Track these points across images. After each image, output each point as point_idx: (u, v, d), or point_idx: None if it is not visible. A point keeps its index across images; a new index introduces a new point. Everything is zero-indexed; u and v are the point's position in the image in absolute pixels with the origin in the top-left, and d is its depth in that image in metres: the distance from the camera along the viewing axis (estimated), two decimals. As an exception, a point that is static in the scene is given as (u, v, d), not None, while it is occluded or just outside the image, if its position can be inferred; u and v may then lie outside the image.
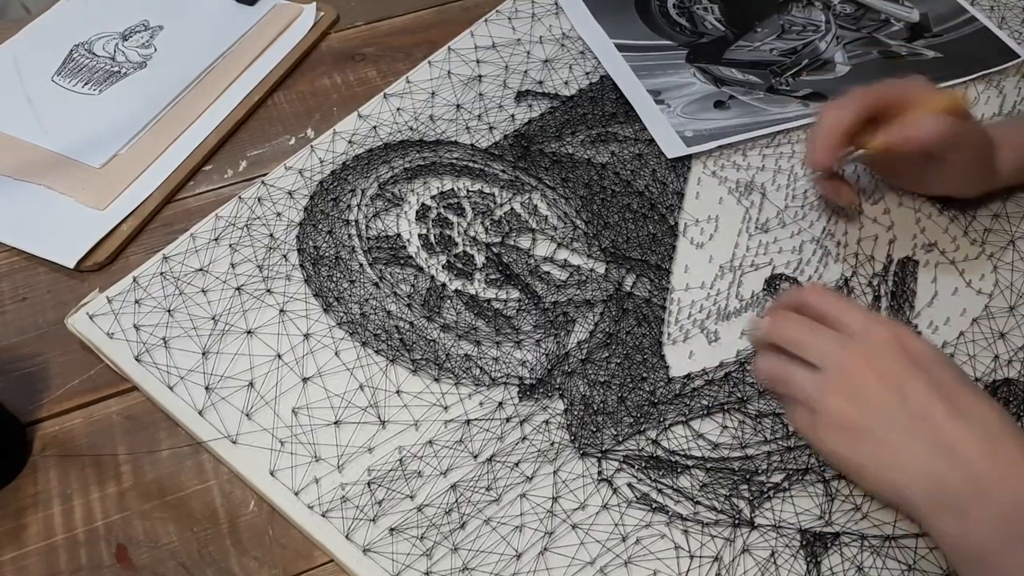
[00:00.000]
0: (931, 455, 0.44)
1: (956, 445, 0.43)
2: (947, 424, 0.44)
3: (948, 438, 0.43)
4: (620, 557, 0.48)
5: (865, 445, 0.45)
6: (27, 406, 0.55)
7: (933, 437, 0.44)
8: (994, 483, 0.42)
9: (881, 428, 0.45)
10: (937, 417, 0.44)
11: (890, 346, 0.46)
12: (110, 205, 0.65)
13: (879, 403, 0.45)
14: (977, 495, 0.42)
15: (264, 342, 0.57)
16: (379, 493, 0.50)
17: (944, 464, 0.43)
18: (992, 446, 0.43)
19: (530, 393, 0.54)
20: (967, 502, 0.43)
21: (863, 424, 0.45)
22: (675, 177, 0.66)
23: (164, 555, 0.49)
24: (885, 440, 0.45)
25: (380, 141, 0.68)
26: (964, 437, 0.43)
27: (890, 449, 0.45)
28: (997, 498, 0.42)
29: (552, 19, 0.78)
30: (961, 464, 0.43)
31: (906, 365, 0.45)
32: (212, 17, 0.80)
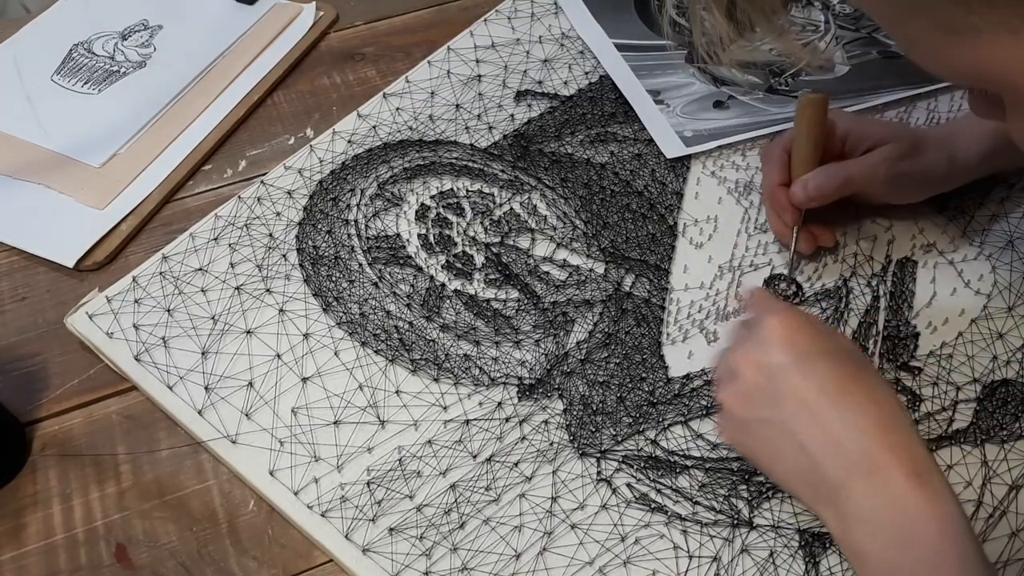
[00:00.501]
0: (802, 453, 0.44)
1: (824, 443, 0.43)
2: (815, 422, 0.44)
3: (815, 436, 0.43)
4: (619, 557, 0.48)
5: (749, 439, 0.47)
6: (26, 406, 0.55)
7: (803, 435, 0.44)
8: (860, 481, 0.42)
9: (758, 425, 0.46)
10: (807, 415, 0.44)
11: (774, 341, 0.46)
12: (109, 204, 0.65)
13: (758, 402, 0.46)
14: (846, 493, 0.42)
15: (263, 342, 0.57)
16: (378, 493, 0.50)
17: (814, 461, 0.43)
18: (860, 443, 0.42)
19: (529, 393, 0.54)
20: (838, 497, 0.42)
21: (744, 419, 0.46)
22: (674, 177, 0.66)
23: (163, 555, 0.49)
24: (763, 436, 0.46)
25: (379, 141, 0.68)
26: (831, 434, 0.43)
27: (767, 444, 0.46)
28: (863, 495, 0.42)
29: (551, 19, 0.78)
30: (829, 461, 0.43)
31: (783, 362, 0.45)
32: (211, 17, 0.80)
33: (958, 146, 0.58)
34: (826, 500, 0.43)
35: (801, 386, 0.45)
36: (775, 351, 0.46)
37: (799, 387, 0.45)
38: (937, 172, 0.58)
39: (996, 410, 0.52)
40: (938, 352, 0.55)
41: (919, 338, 0.56)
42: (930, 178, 0.59)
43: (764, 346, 0.46)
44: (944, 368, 0.54)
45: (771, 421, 0.45)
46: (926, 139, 0.59)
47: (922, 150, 0.58)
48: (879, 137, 0.58)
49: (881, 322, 0.56)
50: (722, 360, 0.50)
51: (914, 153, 0.58)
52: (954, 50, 0.35)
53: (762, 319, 0.47)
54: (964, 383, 0.53)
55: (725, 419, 0.48)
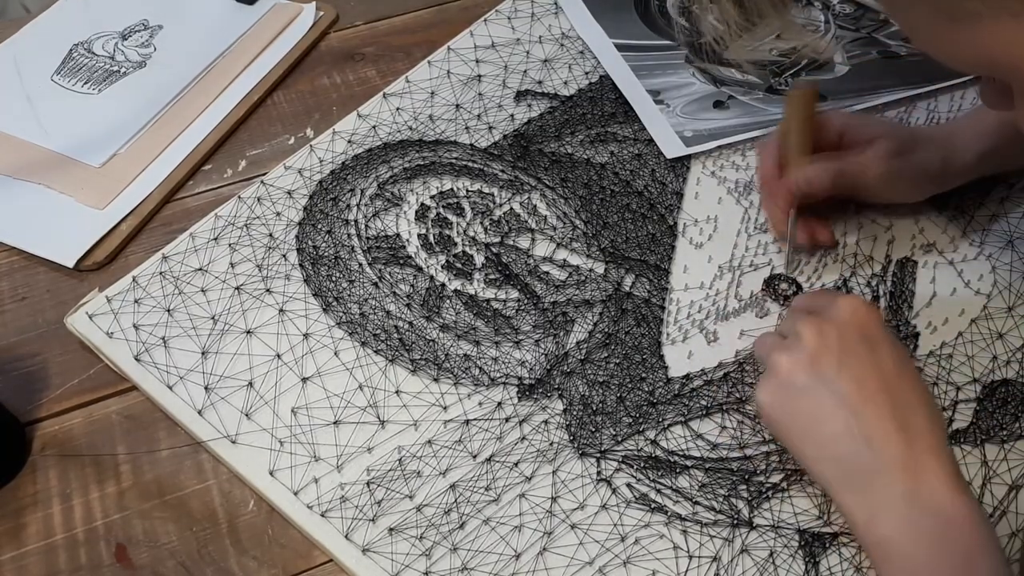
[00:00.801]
0: (846, 435, 0.44)
1: (876, 428, 0.43)
2: (872, 407, 0.44)
3: (870, 420, 0.44)
4: (619, 557, 0.48)
5: (790, 406, 0.46)
6: (26, 406, 0.55)
7: (855, 415, 0.44)
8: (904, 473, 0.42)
9: (809, 394, 0.46)
10: (865, 397, 0.44)
11: (848, 319, 0.47)
12: (109, 204, 0.65)
13: (816, 369, 0.46)
14: (886, 482, 0.43)
15: (263, 342, 0.57)
16: (378, 493, 0.50)
17: (859, 444, 0.44)
18: (911, 438, 0.43)
19: (529, 393, 0.54)
20: (873, 488, 0.43)
21: (794, 386, 0.46)
22: (674, 177, 0.66)
23: (163, 555, 0.49)
24: (809, 408, 0.46)
25: (379, 141, 0.68)
26: (886, 423, 0.43)
27: (811, 418, 0.45)
28: (904, 489, 0.42)
29: (551, 19, 0.78)
30: (876, 448, 0.43)
31: (856, 338, 0.46)
32: (211, 17, 0.80)
33: (956, 145, 0.58)
34: (857, 489, 0.43)
35: (866, 368, 0.45)
36: (849, 325, 0.46)
37: (864, 366, 0.45)
38: (932, 170, 0.58)
39: (996, 410, 0.52)
40: (938, 352, 0.55)
41: (919, 338, 0.56)
42: (925, 176, 0.58)
43: (836, 321, 0.47)
44: (944, 368, 0.54)
45: (824, 392, 0.45)
46: (922, 137, 0.59)
47: (917, 148, 0.58)
48: (875, 134, 0.58)
49: (881, 322, 0.56)
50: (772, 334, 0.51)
51: (908, 151, 0.57)
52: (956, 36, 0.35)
53: (836, 299, 0.48)
54: (964, 383, 0.53)
55: (770, 381, 0.47)
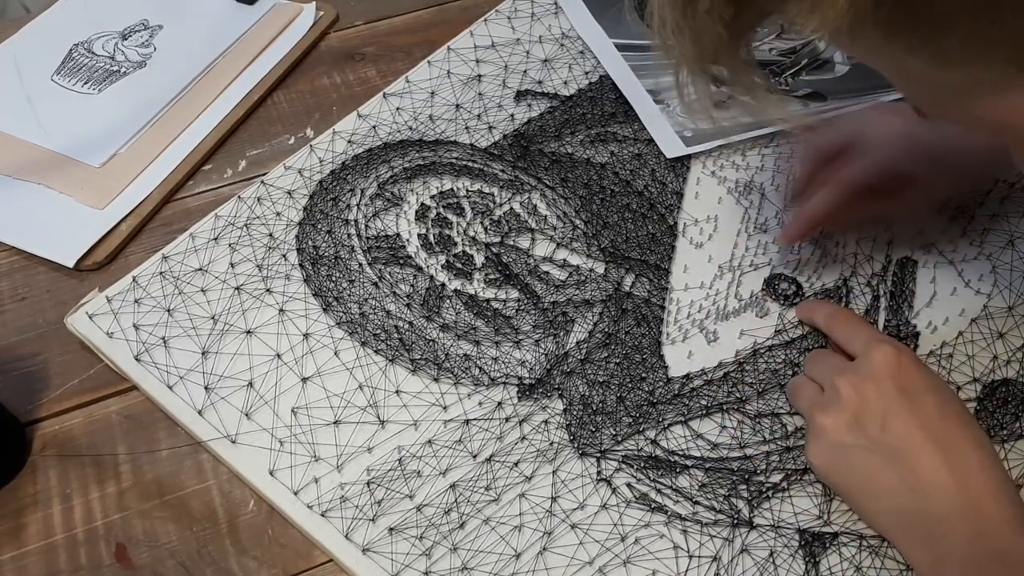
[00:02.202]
0: (901, 488, 0.44)
1: (930, 479, 0.43)
2: (923, 457, 0.44)
3: (922, 471, 0.44)
4: (619, 557, 0.48)
5: (842, 466, 0.47)
6: (26, 406, 0.55)
7: (908, 469, 0.44)
8: (963, 521, 0.42)
9: (858, 453, 0.46)
10: (915, 450, 0.44)
11: (884, 373, 0.46)
12: (109, 204, 0.65)
13: (859, 429, 0.46)
14: (946, 532, 0.42)
15: (263, 342, 0.57)
16: (378, 493, 0.50)
17: (916, 497, 0.44)
18: (965, 484, 0.43)
19: (529, 393, 0.54)
20: (935, 537, 0.43)
21: (842, 445, 0.46)
22: (674, 177, 0.66)
23: (163, 555, 0.49)
24: (860, 466, 0.46)
25: (380, 141, 0.68)
26: (939, 472, 0.43)
27: (864, 476, 0.46)
28: (965, 536, 0.42)
29: (551, 19, 0.78)
30: (933, 499, 0.43)
31: (895, 393, 0.46)
32: (211, 17, 0.80)
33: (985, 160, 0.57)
34: (920, 539, 0.43)
35: (910, 421, 0.45)
36: (887, 381, 0.46)
37: (908, 420, 0.45)
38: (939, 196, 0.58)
39: (996, 409, 0.52)
40: (938, 352, 0.55)
41: (919, 338, 0.56)
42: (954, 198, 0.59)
43: (874, 375, 0.47)
44: (944, 368, 0.54)
45: (873, 450, 0.45)
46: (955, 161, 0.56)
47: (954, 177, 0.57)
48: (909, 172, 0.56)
49: (881, 322, 0.56)
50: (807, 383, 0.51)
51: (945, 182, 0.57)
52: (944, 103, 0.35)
53: (871, 347, 0.48)
54: (964, 383, 0.53)
55: (818, 442, 0.47)
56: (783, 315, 0.57)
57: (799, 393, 0.51)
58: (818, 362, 0.51)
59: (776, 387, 0.54)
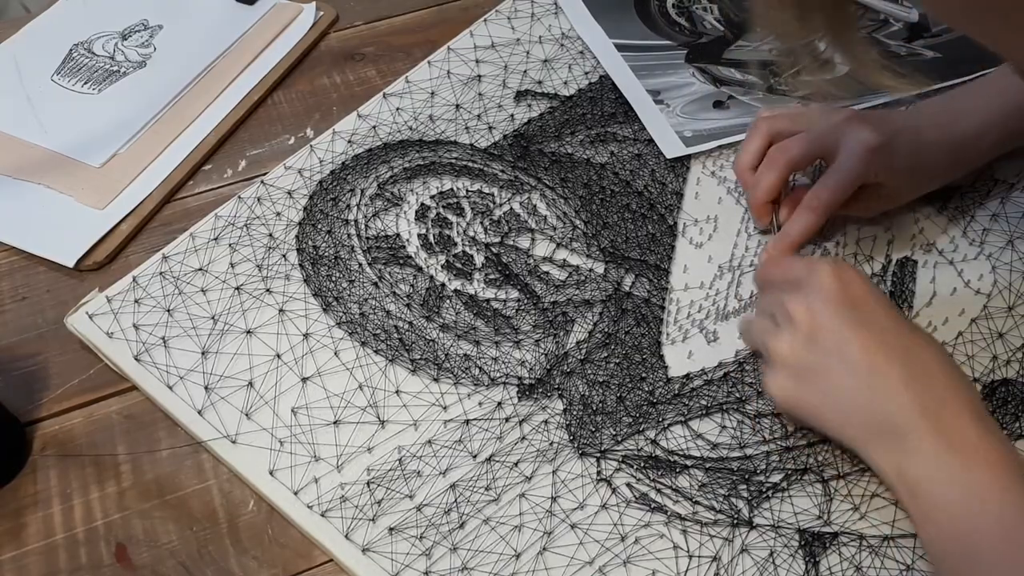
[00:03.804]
0: (867, 395, 0.45)
1: (892, 385, 0.45)
2: (882, 363, 0.45)
3: (884, 378, 0.45)
4: (619, 557, 0.48)
5: (805, 387, 0.47)
6: (27, 405, 0.55)
7: (870, 378, 0.45)
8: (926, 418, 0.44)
9: (820, 370, 0.47)
10: (875, 359, 0.45)
11: (831, 289, 0.47)
12: (109, 204, 0.65)
13: (817, 345, 0.47)
14: (910, 431, 0.44)
15: (263, 342, 0.57)
16: (378, 493, 0.50)
17: (879, 401, 0.45)
18: (926, 385, 0.44)
19: (529, 393, 0.54)
20: (901, 437, 0.44)
21: (803, 367, 0.47)
22: (674, 177, 0.66)
23: (163, 554, 0.49)
24: (823, 381, 0.47)
25: (379, 141, 0.68)
26: (900, 378, 0.45)
27: (828, 390, 0.47)
28: (929, 433, 0.43)
29: (551, 19, 0.78)
30: (896, 401, 0.44)
31: (847, 308, 0.47)
32: (212, 17, 0.80)
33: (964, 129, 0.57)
34: (884, 439, 0.45)
35: (865, 331, 0.46)
36: (836, 296, 0.47)
37: (864, 332, 0.46)
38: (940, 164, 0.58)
39: (996, 409, 0.52)
40: (938, 352, 0.55)
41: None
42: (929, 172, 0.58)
43: (823, 293, 0.47)
44: (944, 368, 0.54)
45: (835, 365, 0.46)
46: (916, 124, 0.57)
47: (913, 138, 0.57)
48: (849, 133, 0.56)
49: (881, 322, 0.56)
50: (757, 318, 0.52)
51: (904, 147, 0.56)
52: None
53: (814, 269, 0.48)
54: (964, 383, 0.53)
55: (777, 369, 0.48)
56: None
57: (751, 328, 0.52)
58: (766, 296, 0.53)
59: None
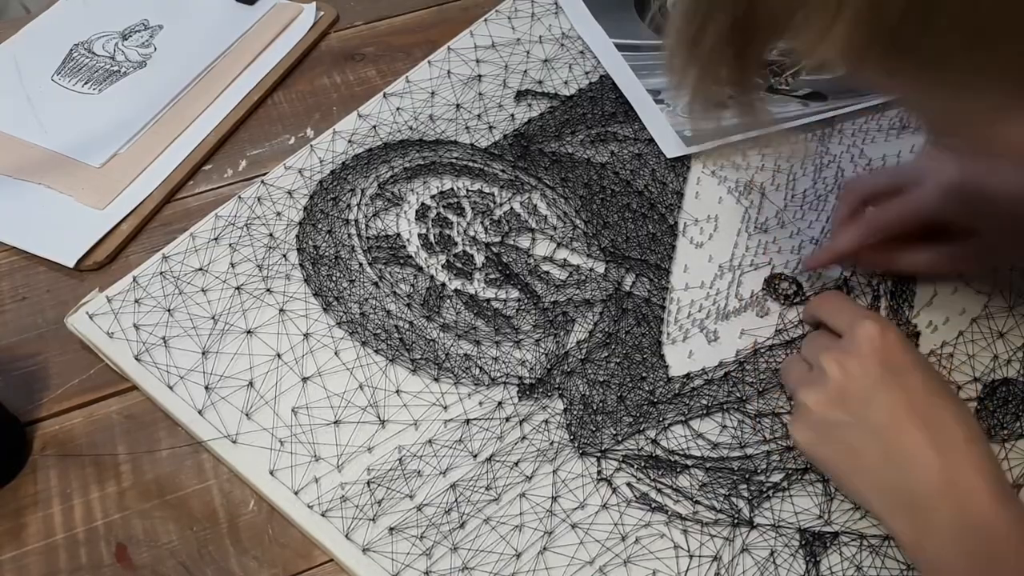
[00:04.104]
0: (888, 463, 0.44)
1: (914, 455, 0.44)
2: (907, 433, 0.44)
3: (907, 447, 0.44)
4: (619, 556, 0.48)
5: (826, 444, 0.47)
6: (27, 405, 0.55)
7: (892, 445, 0.44)
8: (947, 496, 0.42)
9: (842, 430, 0.46)
10: (899, 426, 0.44)
11: (868, 350, 0.47)
12: (110, 204, 0.65)
13: (846, 405, 0.46)
14: (930, 507, 0.43)
15: (264, 342, 0.57)
16: (379, 492, 0.50)
17: (899, 473, 0.44)
18: (950, 459, 0.43)
19: (529, 393, 0.54)
20: (920, 512, 0.43)
21: (826, 422, 0.46)
22: (675, 177, 0.66)
23: (164, 554, 0.49)
24: (845, 442, 0.46)
25: (380, 141, 0.68)
26: (923, 448, 0.43)
27: (848, 452, 0.46)
28: (948, 511, 0.42)
29: (552, 19, 0.78)
30: (916, 474, 0.43)
31: (880, 370, 0.46)
32: (212, 17, 0.80)
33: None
34: (904, 514, 0.44)
35: (895, 397, 0.45)
36: (871, 358, 0.46)
37: (892, 396, 0.45)
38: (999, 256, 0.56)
39: (997, 409, 0.52)
40: (939, 351, 0.55)
41: (920, 337, 0.55)
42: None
43: (859, 351, 0.47)
44: (945, 367, 0.54)
45: (858, 426, 0.45)
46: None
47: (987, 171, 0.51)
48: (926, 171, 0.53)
49: (881, 321, 0.56)
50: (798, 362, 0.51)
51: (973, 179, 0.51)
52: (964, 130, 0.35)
53: (855, 324, 0.48)
54: (965, 382, 0.53)
55: (803, 419, 0.48)
56: (783, 315, 0.57)
57: (789, 372, 0.52)
58: (810, 342, 0.52)
59: (776, 387, 0.54)
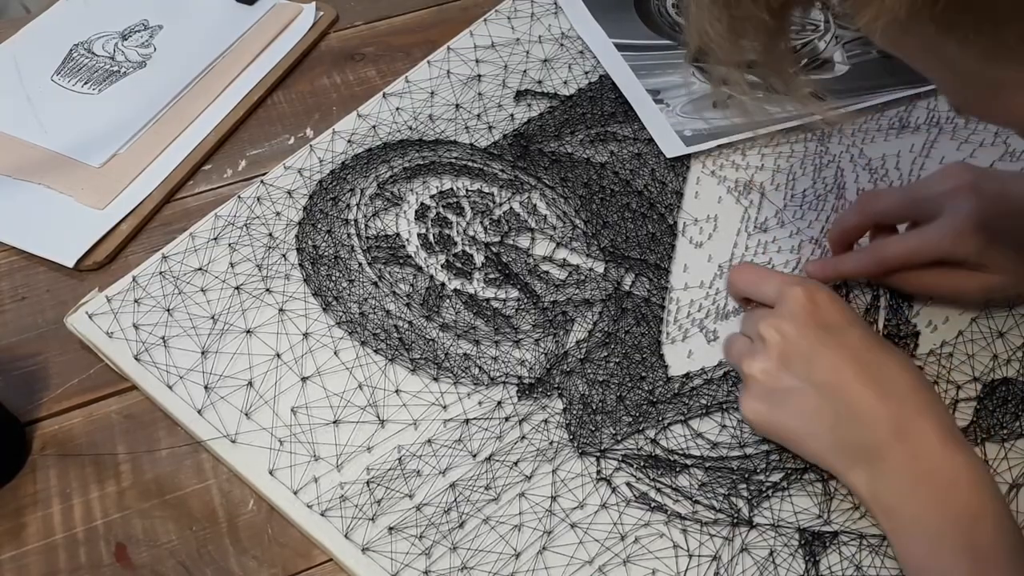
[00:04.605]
0: (838, 420, 0.45)
1: (862, 409, 0.44)
2: (853, 387, 0.45)
3: (854, 402, 0.45)
4: (619, 556, 0.48)
5: (778, 410, 0.47)
6: (26, 405, 0.55)
7: (840, 402, 0.45)
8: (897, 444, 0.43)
9: (793, 395, 0.46)
10: (845, 382, 0.45)
11: (803, 312, 0.47)
12: (109, 204, 0.65)
13: (788, 370, 0.47)
14: (883, 456, 0.44)
15: (263, 341, 0.57)
16: (378, 492, 0.50)
17: (851, 428, 0.45)
18: (897, 409, 0.44)
19: (529, 392, 0.54)
20: (874, 462, 0.44)
21: (775, 390, 0.47)
22: (674, 176, 0.66)
23: (163, 554, 0.49)
24: (795, 407, 0.46)
25: (379, 140, 0.68)
26: (870, 401, 0.44)
27: (800, 415, 0.46)
28: (900, 458, 0.43)
29: (551, 19, 0.78)
30: (867, 427, 0.44)
31: (817, 331, 0.47)
32: (211, 17, 0.80)
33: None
34: (859, 464, 0.45)
35: (836, 355, 0.46)
36: (806, 319, 0.47)
37: (833, 354, 0.46)
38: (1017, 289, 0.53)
39: (996, 409, 0.52)
40: (938, 351, 0.55)
41: (919, 337, 0.55)
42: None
43: (794, 316, 0.47)
44: (944, 367, 0.54)
45: (805, 389, 0.46)
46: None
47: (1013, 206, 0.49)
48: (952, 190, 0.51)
49: (881, 321, 0.56)
50: (738, 338, 0.52)
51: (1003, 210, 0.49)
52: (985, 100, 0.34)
53: (784, 291, 0.48)
54: (964, 382, 0.53)
55: (751, 392, 0.48)
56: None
57: (730, 348, 0.52)
58: (747, 317, 0.52)
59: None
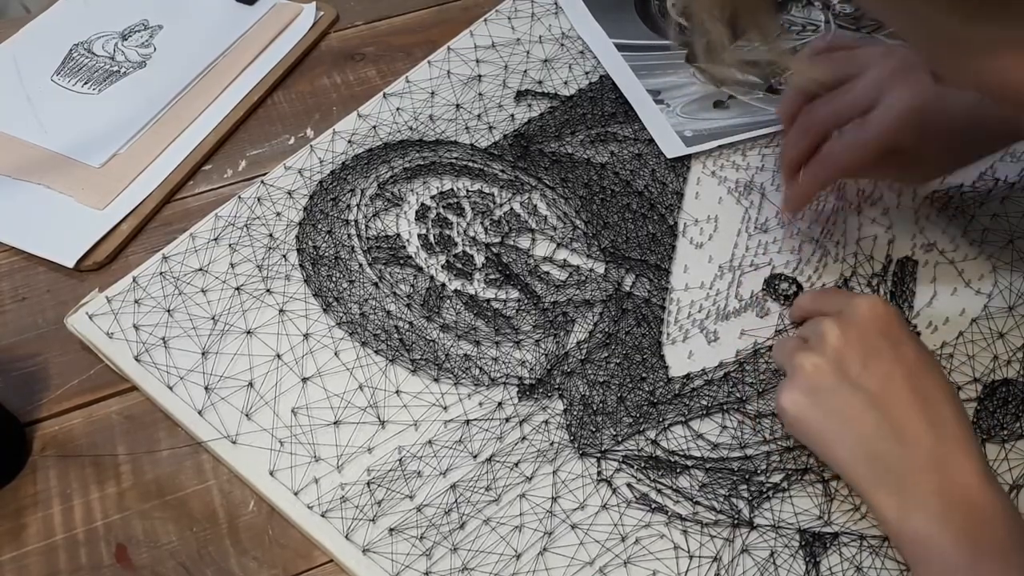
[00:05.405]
0: (878, 431, 0.44)
1: (905, 426, 0.44)
2: (901, 404, 0.44)
3: (899, 418, 0.44)
4: (619, 557, 0.48)
5: (819, 409, 0.46)
6: (26, 406, 0.55)
7: (885, 414, 0.45)
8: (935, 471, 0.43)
9: (838, 396, 0.46)
10: (894, 395, 0.45)
11: (869, 319, 0.47)
12: (110, 204, 0.65)
13: (840, 371, 0.46)
14: (918, 480, 0.43)
15: (264, 342, 0.57)
16: (378, 493, 0.50)
17: (889, 443, 0.44)
18: (940, 434, 0.44)
19: (529, 393, 0.54)
20: (906, 485, 0.43)
21: (822, 388, 0.46)
22: (674, 177, 0.66)
23: (163, 555, 0.49)
24: (838, 409, 0.46)
25: (380, 141, 0.68)
26: (915, 420, 0.44)
27: (841, 418, 0.46)
28: (936, 485, 0.43)
29: (552, 19, 0.78)
30: (907, 446, 0.44)
31: (878, 339, 0.46)
32: (212, 17, 0.80)
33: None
34: (889, 483, 0.44)
35: (890, 366, 0.45)
36: (871, 326, 0.46)
37: (889, 366, 0.45)
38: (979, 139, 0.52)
39: (997, 409, 0.52)
40: (939, 352, 0.55)
41: (919, 337, 0.55)
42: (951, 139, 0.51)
43: (858, 322, 0.47)
44: (945, 367, 0.54)
45: (852, 392, 0.45)
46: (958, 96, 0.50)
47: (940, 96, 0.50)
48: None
49: (881, 322, 0.56)
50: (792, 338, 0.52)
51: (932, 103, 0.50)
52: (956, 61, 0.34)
53: (853, 301, 0.48)
54: (965, 383, 0.53)
55: (795, 383, 0.47)
56: (783, 315, 0.57)
57: (783, 346, 0.52)
58: (810, 321, 0.52)
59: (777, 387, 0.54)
